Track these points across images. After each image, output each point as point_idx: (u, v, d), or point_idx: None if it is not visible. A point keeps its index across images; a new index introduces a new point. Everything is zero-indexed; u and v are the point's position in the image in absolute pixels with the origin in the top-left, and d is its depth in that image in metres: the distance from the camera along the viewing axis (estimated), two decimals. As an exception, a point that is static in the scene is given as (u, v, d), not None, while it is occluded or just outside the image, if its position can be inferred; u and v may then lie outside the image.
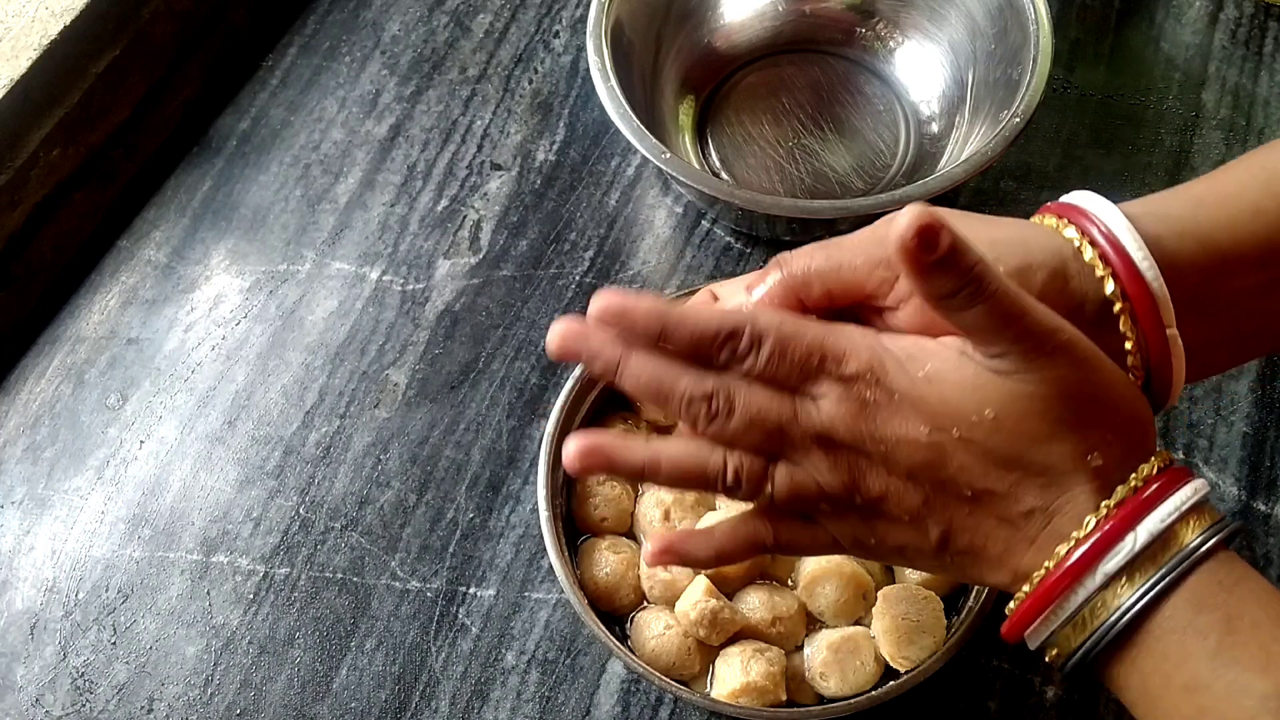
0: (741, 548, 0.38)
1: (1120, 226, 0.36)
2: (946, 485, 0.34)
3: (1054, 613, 0.34)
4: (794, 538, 0.37)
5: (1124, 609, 0.33)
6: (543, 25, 0.71)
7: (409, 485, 0.57)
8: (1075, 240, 0.36)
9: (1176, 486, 0.33)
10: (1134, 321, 0.35)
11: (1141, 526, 0.33)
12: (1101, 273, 0.35)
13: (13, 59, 0.60)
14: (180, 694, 0.52)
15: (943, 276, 0.31)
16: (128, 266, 0.64)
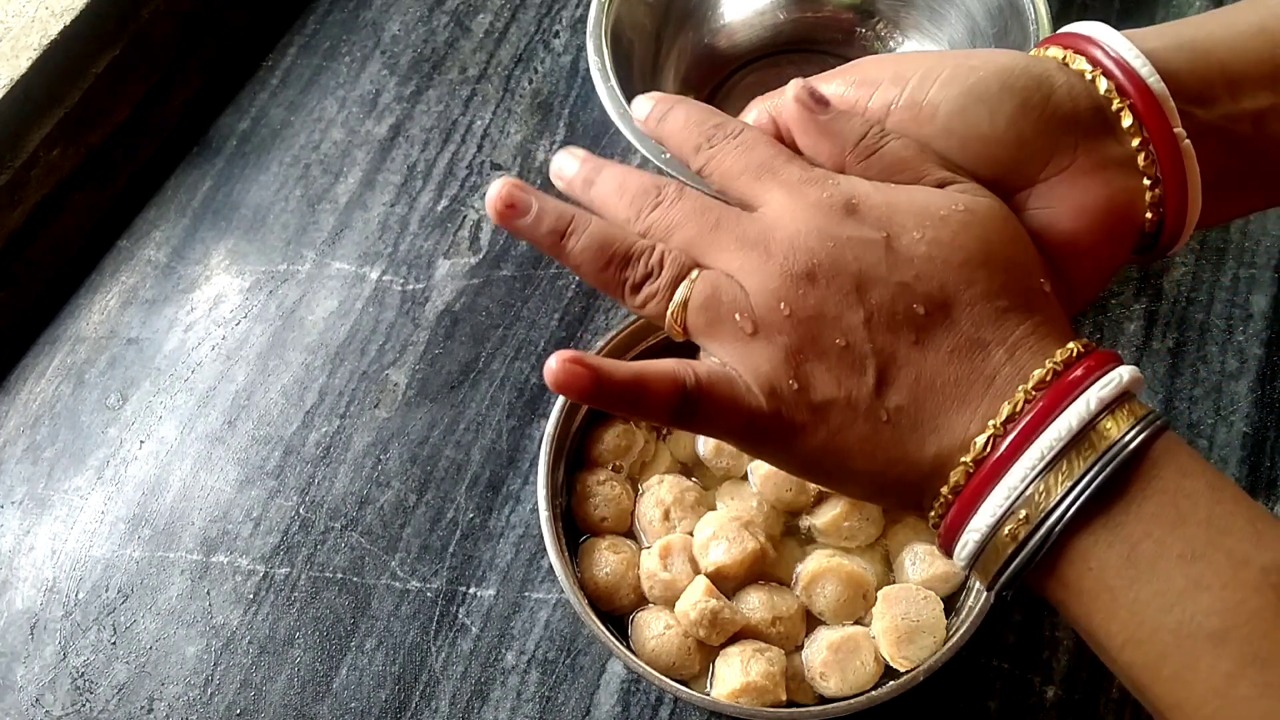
0: (661, 380, 0.31)
1: (1108, 34, 0.33)
2: (896, 299, 0.30)
3: (1017, 479, 0.29)
4: (713, 384, 0.31)
5: (1114, 451, 0.29)
6: (543, 25, 0.71)
7: (409, 485, 0.57)
8: (1060, 54, 0.34)
9: (1095, 376, 0.30)
10: (1137, 120, 0.32)
11: (1123, 368, 0.30)
12: (1091, 74, 0.33)
13: (13, 59, 0.60)
14: (180, 694, 0.52)
15: (844, 126, 0.32)
16: (128, 266, 0.64)
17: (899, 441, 0.31)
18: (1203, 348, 0.58)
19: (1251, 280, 0.60)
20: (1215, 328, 0.59)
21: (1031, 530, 0.29)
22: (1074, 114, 0.32)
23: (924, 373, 0.30)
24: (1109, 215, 0.33)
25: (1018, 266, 0.31)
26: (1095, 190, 0.33)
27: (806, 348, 0.31)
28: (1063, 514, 0.29)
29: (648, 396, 0.31)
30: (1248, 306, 0.59)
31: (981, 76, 0.32)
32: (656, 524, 0.51)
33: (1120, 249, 0.34)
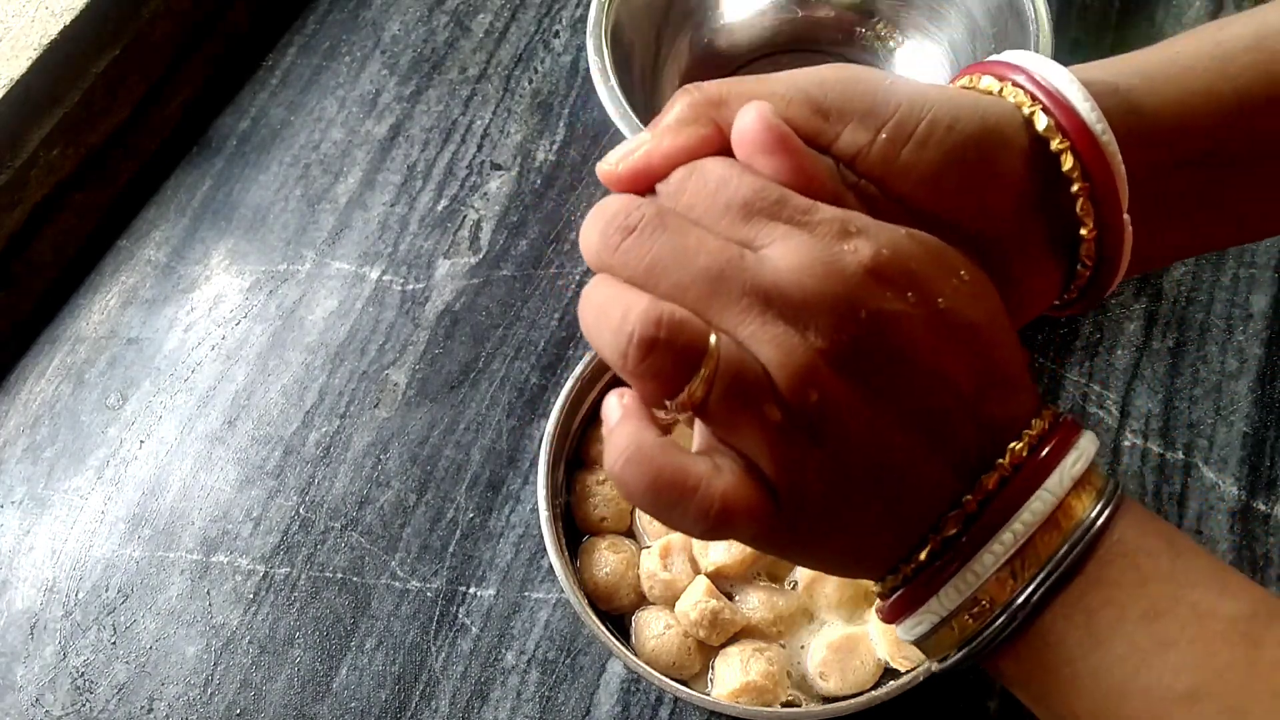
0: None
1: (1073, 92, 0.29)
2: (923, 379, 0.26)
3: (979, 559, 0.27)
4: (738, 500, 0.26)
5: (1081, 531, 0.27)
6: (543, 25, 0.71)
7: (409, 485, 0.57)
8: (1025, 106, 0.30)
9: (1065, 451, 0.27)
10: (1094, 204, 0.29)
11: (1085, 438, 0.28)
12: (1058, 146, 0.29)
13: (13, 59, 0.60)
14: (180, 694, 0.52)
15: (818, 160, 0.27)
16: (128, 266, 0.64)
17: (875, 526, 0.28)
18: (1203, 348, 0.58)
19: (1251, 280, 0.60)
20: (1215, 328, 0.59)
21: (993, 619, 0.27)
22: (1033, 190, 0.30)
23: (915, 461, 0.27)
24: (1043, 293, 0.31)
25: (1010, 334, 0.28)
26: (1041, 264, 0.31)
27: (833, 444, 0.26)
28: (1027, 601, 0.26)
29: None
30: (1248, 306, 0.59)
31: (961, 140, 0.29)
32: (656, 524, 0.51)
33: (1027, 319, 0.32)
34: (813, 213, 0.26)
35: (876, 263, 0.26)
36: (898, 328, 0.26)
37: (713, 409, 0.26)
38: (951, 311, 0.26)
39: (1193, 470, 0.55)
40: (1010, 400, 0.27)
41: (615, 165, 0.29)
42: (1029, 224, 0.30)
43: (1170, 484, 0.55)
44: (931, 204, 0.29)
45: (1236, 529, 0.54)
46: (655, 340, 0.25)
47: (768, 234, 0.26)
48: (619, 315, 0.25)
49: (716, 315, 0.26)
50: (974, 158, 0.29)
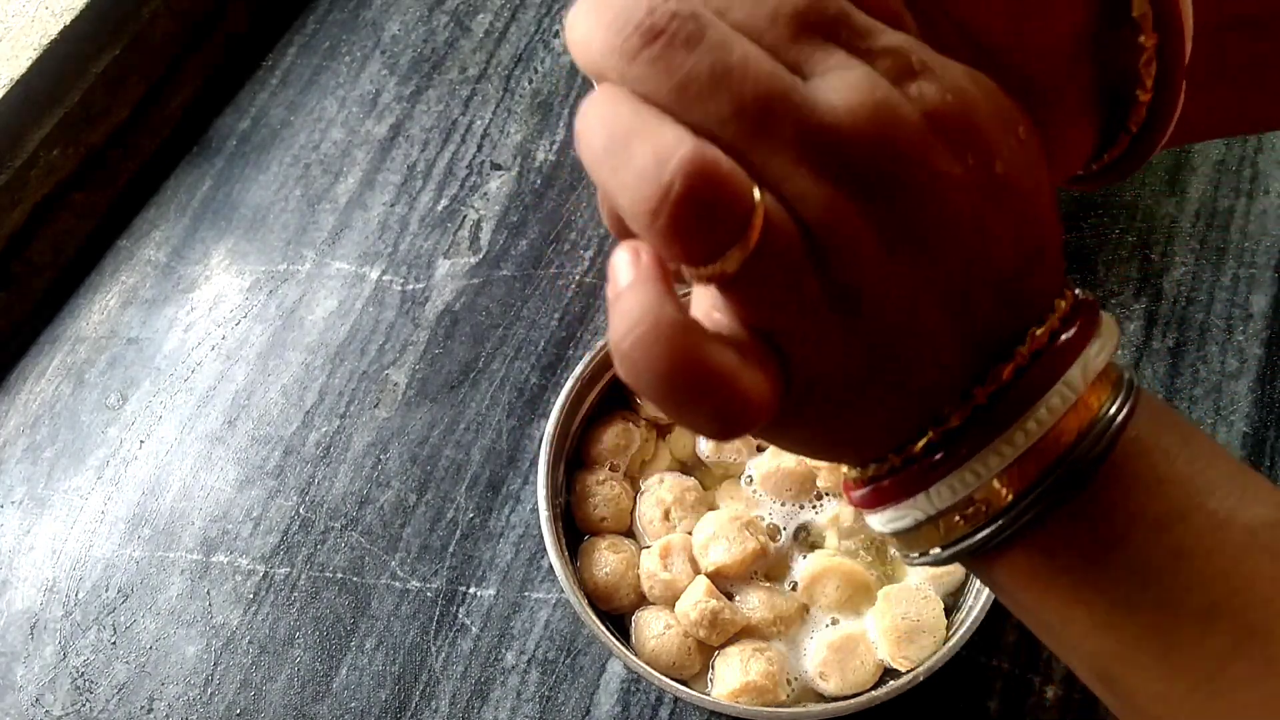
0: None
1: None
2: (971, 251, 0.23)
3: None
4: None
5: (1100, 429, 0.23)
6: (543, 25, 0.71)
7: (409, 485, 0.57)
8: None
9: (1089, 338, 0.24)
10: (1159, 61, 0.26)
11: (1106, 322, 0.25)
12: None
13: (13, 59, 0.60)
14: (180, 694, 0.52)
15: None
16: (128, 266, 0.64)
17: (874, 409, 0.24)
18: (1203, 348, 0.58)
19: (1251, 280, 0.60)
20: (1215, 328, 0.59)
21: (987, 522, 0.24)
22: (1087, 34, 0.26)
23: (937, 340, 0.23)
24: (1070, 152, 0.28)
25: (1050, 196, 0.24)
26: (1067, 122, 0.27)
27: (865, 323, 0.23)
28: (1029, 507, 0.23)
29: None
30: (1248, 306, 0.59)
31: None
32: (656, 523, 0.51)
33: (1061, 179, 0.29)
34: (874, 38, 0.22)
35: (940, 112, 0.21)
36: (954, 193, 0.22)
37: (743, 284, 0.21)
38: (1007, 177, 0.22)
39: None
40: (1042, 277, 0.24)
41: None
42: (1079, 69, 0.26)
43: (1170, 484, 0.55)
44: (986, 27, 0.25)
45: (1236, 529, 0.54)
46: (698, 196, 0.20)
47: (821, 60, 0.21)
48: (649, 155, 0.20)
49: (760, 159, 0.21)
50: None
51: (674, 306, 0.21)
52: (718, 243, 0.20)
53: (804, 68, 0.21)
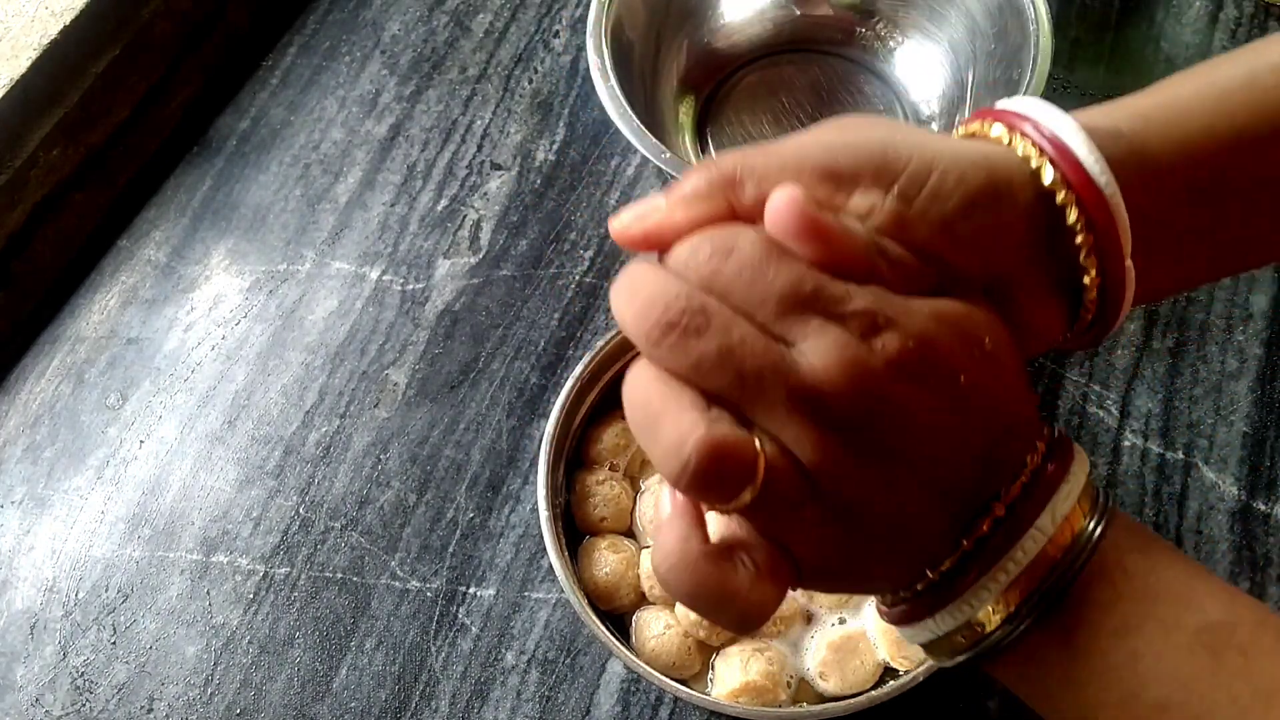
0: None
1: (1079, 144, 0.31)
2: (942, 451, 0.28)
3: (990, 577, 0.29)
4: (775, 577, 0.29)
5: (1079, 550, 0.28)
6: (543, 25, 0.71)
7: (409, 485, 0.57)
8: (1033, 159, 0.31)
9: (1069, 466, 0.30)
10: (1097, 254, 0.31)
11: (1078, 457, 0.30)
12: (1064, 199, 0.30)
13: (13, 59, 0.60)
14: (180, 694, 0.52)
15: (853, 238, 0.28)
16: (128, 266, 0.64)
17: (878, 571, 0.30)
18: (1203, 348, 0.58)
19: (1251, 280, 0.60)
20: (1215, 328, 0.59)
21: (982, 638, 0.29)
22: (1039, 239, 0.31)
23: (924, 517, 0.29)
24: (1046, 334, 0.33)
25: (1023, 379, 0.30)
26: (1044, 307, 0.32)
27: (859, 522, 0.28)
28: (1015, 626, 0.29)
29: None
30: (1248, 306, 0.59)
31: (969, 192, 0.30)
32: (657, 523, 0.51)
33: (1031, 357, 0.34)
34: (844, 303, 0.27)
35: (901, 357, 0.27)
36: (921, 416, 0.27)
37: (754, 510, 0.28)
38: (972, 387, 0.28)
39: (1193, 470, 0.55)
40: (1012, 445, 0.29)
41: (628, 225, 0.30)
42: (1035, 269, 0.31)
43: (1170, 484, 0.55)
44: (942, 252, 0.30)
45: (1236, 529, 0.54)
46: (710, 470, 0.26)
47: (801, 329, 0.27)
48: (674, 437, 0.27)
49: (760, 415, 0.27)
50: (982, 209, 0.30)
51: (699, 539, 0.28)
52: (730, 493, 0.27)
53: (789, 337, 0.27)
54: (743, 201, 0.30)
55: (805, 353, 0.27)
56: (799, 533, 0.28)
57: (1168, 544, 0.30)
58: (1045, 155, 0.31)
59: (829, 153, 0.30)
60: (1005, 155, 0.31)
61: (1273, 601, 0.52)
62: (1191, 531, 0.54)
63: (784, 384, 0.27)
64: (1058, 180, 0.30)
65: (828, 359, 0.27)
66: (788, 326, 0.27)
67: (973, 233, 0.30)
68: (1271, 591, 0.52)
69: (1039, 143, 0.31)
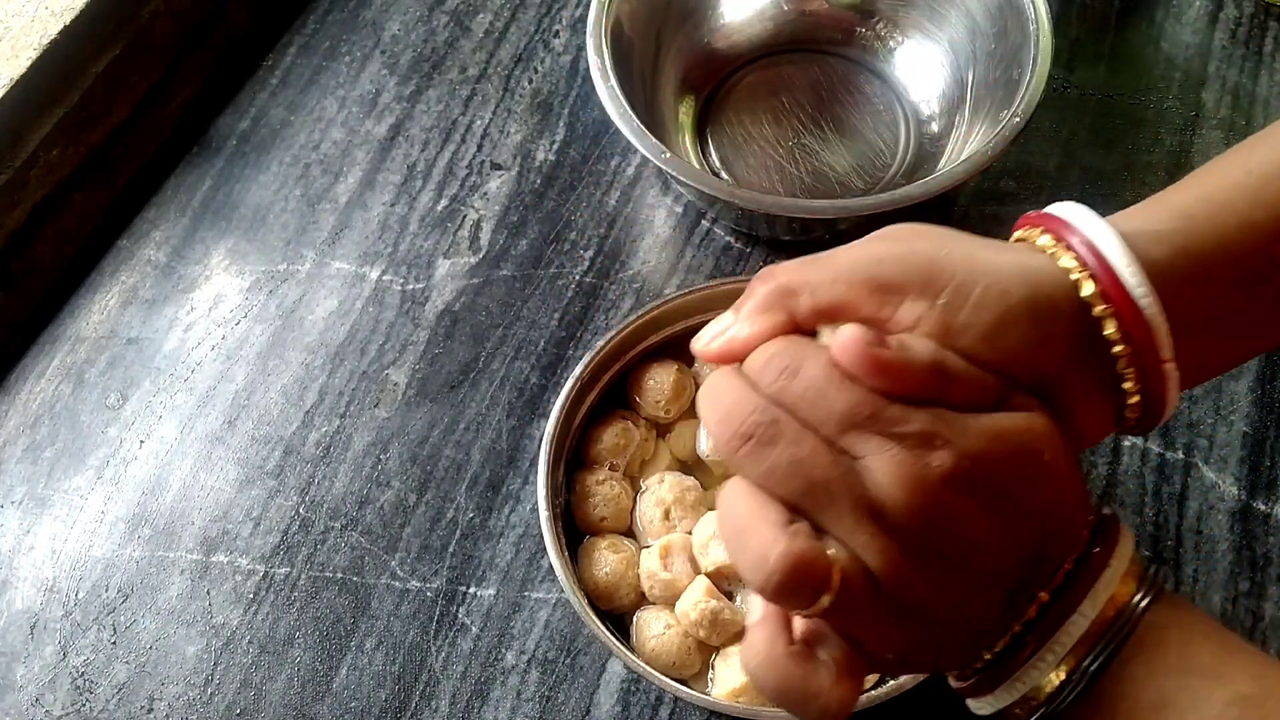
0: None
1: (1118, 257, 0.33)
2: (999, 562, 0.31)
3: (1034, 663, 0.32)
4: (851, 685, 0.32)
5: (1123, 622, 0.32)
6: (543, 25, 0.71)
7: (409, 485, 0.57)
8: (1074, 272, 0.33)
9: (1114, 548, 0.33)
10: (1136, 360, 0.33)
11: (1126, 533, 0.33)
12: (1101, 312, 0.33)
13: (13, 59, 0.60)
14: (180, 694, 0.52)
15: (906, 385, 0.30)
16: (128, 266, 0.64)
17: (935, 659, 0.34)
18: (1203, 347, 0.58)
19: (1251, 280, 0.60)
20: (1215, 327, 0.59)
21: (1036, 709, 0.32)
22: (1082, 345, 0.33)
23: (978, 611, 0.32)
24: (1095, 431, 0.35)
25: (1081, 488, 0.33)
26: (1089, 408, 0.34)
27: (921, 620, 0.31)
28: (1064, 698, 0.32)
29: None
30: (1248, 306, 0.59)
31: (1013, 305, 0.32)
32: (657, 523, 0.51)
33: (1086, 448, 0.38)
34: (903, 424, 0.30)
35: (957, 473, 0.30)
36: (975, 526, 0.30)
37: (830, 613, 0.31)
38: (1025, 500, 0.30)
39: (1193, 470, 0.55)
40: (1061, 544, 0.32)
41: (707, 345, 0.35)
42: (1080, 374, 0.34)
43: (1170, 484, 0.55)
44: (989, 361, 0.32)
45: (1236, 529, 0.54)
46: (791, 581, 0.30)
47: (863, 445, 0.30)
48: (758, 550, 0.30)
49: (830, 522, 0.30)
50: (1025, 320, 0.32)
51: (784, 641, 0.32)
52: (809, 601, 0.30)
53: (853, 451, 0.30)
54: (799, 313, 0.34)
55: (869, 468, 0.30)
56: (869, 629, 0.31)
57: (1204, 616, 0.33)
58: (1087, 269, 0.33)
59: (879, 265, 0.33)
60: (1049, 267, 0.34)
61: (1273, 602, 0.52)
62: (1191, 531, 0.54)
63: (849, 495, 0.30)
64: (1095, 295, 0.33)
65: (887, 474, 0.30)
66: (850, 442, 0.30)
67: (1016, 342, 0.32)
68: (1271, 591, 0.52)
69: (1082, 256, 0.33)
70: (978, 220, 0.63)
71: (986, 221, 0.63)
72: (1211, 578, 0.52)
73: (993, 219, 0.63)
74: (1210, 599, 0.52)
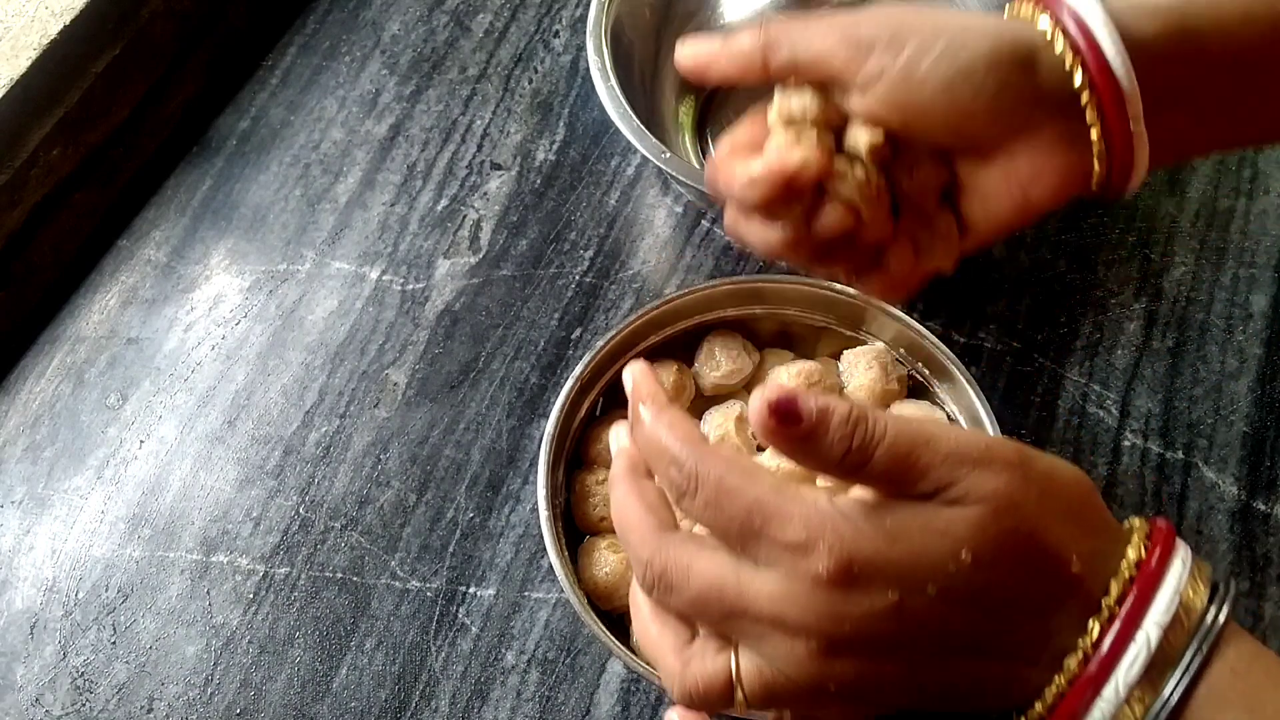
0: None
1: (1096, 18, 0.35)
2: (933, 645, 0.31)
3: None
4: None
5: (1205, 630, 0.31)
6: (543, 25, 0.71)
7: (409, 485, 0.57)
8: (1047, 31, 0.36)
9: (1167, 562, 0.32)
10: (1100, 113, 0.35)
11: (1149, 619, 0.31)
12: (1070, 64, 0.35)
13: (13, 59, 0.60)
14: (180, 694, 0.52)
15: (823, 442, 0.30)
16: (128, 266, 0.64)
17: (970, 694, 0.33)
18: (1203, 348, 0.58)
19: (1251, 280, 0.60)
20: (1215, 328, 0.59)
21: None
22: (1048, 96, 0.36)
23: (974, 674, 0.32)
24: (1059, 186, 0.37)
25: (1044, 557, 0.31)
26: (1053, 163, 0.37)
27: (874, 700, 0.32)
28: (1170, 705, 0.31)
29: None
30: (1248, 306, 0.59)
31: (971, 57, 0.35)
32: (656, 524, 0.51)
33: (1057, 206, 0.39)
34: (787, 529, 0.31)
35: (840, 573, 0.30)
36: (888, 617, 0.30)
37: (778, 709, 0.33)
38: (950, 589, 0.30)
39: (1193, 470, 0.55)
40: (1062, 607, 0.31)
41: (684, 57, 0.41)
42: (1046, 125, 0.36)
43: (1170, 484, 0.55)
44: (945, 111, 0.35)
45: (1236, 529, 0.54)
46: (696, 704, 0.33)
47: (756, 553, 0.32)
48: (666, 674, 0.34)
49: (740, 640, 0.32)
50: (983, 70, 0.35)
51: None
52: (722, 709, 0.33)
53: (753, 558, 0.32)
54: (773, 63, 0.38)
55: (761, 581, 0.31)
56: (817, 712, 0.33)
57: (1272, 657, 0.32)
58: (1060, 26, 0.35)
59: (854, 25, 0.36)
60: (1022, 28, 0.36)
61: (1273, 602, 0.52)
62: (1191, 531, 0.54)
63: (747, 614, 0.31)
64: (1066, 48, 0.35)
65: (775, 587, 0.31)
66: (750, 550, 0.32)
67: (973, 92, 0.35)
68: (1271, 591, 0.52)
69: (1061, 20, 0.36)
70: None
71: (986, 221, 0.63)
72: (1211, 578, 0.52)
73: (993, 219, 0.63)
74: (1210, 599, 0.52)
